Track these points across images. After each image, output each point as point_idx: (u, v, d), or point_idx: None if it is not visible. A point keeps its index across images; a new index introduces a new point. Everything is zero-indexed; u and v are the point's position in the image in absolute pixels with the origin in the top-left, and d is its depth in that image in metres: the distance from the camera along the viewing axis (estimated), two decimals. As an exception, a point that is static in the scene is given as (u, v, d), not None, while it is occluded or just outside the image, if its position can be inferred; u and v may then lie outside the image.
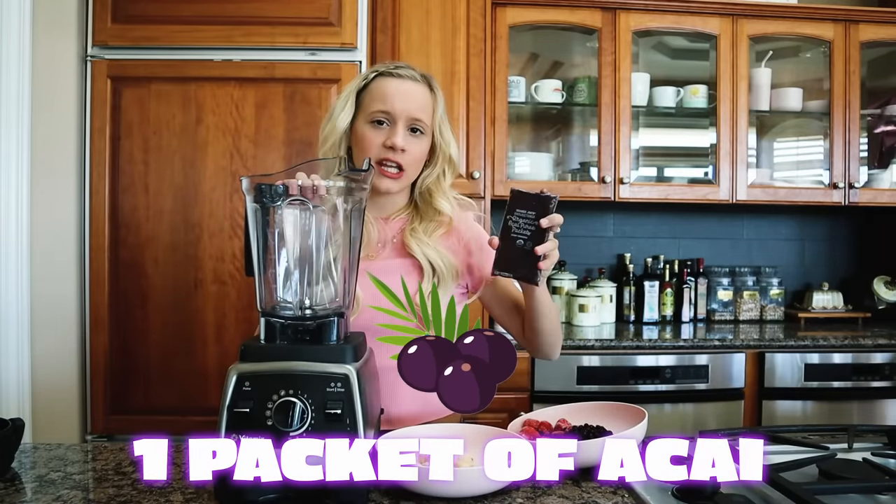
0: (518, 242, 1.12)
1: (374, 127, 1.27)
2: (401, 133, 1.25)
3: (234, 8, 2.13)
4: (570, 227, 2.91)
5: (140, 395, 2.13)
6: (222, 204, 2.14)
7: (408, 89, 1.27)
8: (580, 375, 2.28)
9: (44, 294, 2.14)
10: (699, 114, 2.80)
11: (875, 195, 2.73)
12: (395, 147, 1.24)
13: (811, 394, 2.37)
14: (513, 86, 2.61)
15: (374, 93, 1.27)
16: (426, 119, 1.28)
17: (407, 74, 1.28)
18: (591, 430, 1.06)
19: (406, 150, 1.25)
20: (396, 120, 1.26)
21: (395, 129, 1.25)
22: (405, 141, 1.25)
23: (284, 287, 1.00)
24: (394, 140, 1.24)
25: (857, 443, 1.14)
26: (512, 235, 1.12)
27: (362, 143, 1.27)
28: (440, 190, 1.34)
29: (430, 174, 1.33)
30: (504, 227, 1.13)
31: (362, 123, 1.28)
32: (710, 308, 2.86)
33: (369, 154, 1.25)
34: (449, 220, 1.34)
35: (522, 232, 1.12)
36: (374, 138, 1.26)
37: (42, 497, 0.92)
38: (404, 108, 1.25)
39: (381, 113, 1.26)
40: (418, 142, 1.28)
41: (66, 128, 2.15)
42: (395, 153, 1.25)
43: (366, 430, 0.89)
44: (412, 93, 1.27)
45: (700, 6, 2.61)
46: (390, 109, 1.25)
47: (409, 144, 1.26)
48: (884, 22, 2.69)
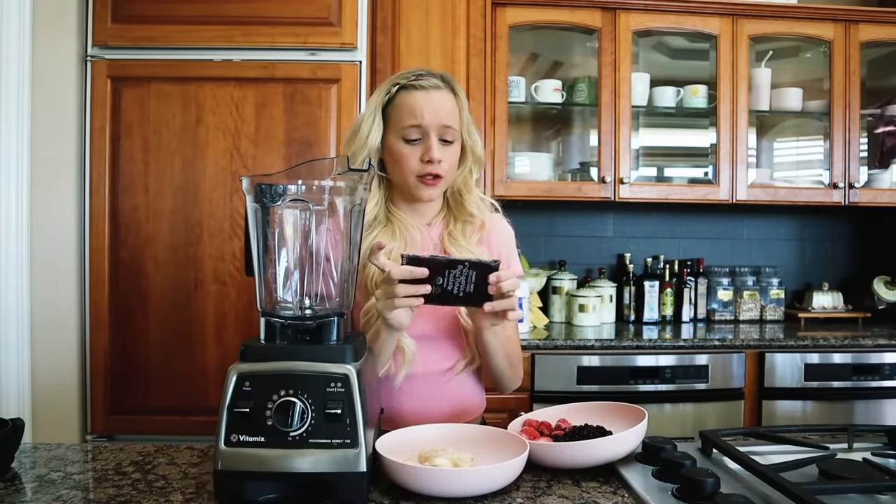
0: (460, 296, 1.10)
1: (408, 143, 1.27)
2: (435, 145, 1.26)
3: (234, 8, 2.13)
4: (570, 227, 2.96)
5: (140, 395, 2.13)
6: (222, 204, 2.14)
7: (434, 99, 1.27)
8: (580, 375, 2.28)
9: (44, 294, 2.14)
10: (699, 114, 2.80)
11: (875, 195, 2.73)
12: (432, 160, 1.26)
13: (811, 394, 2.37)
14: (513, 86, 2.61)
15: (402, 108, 1.28)
16: (455, 125, 1.29)
17: (430, 84, 1.28)
18: (590, 430, 1.06)
19: (442, 161, 1.27)
20: (429, 132, 1.26)
21: (428, 143, 1.26)
22: (440, 152, 1.27)
23: (284, 287, 1.00)
24: (431, 154, 1.26)
25: (857, 443, 1.14)
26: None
27: (400, 161, 1.28)
28: (468, 189, 1.36)
29: (460, 174, 1.35)
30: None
31: (394, 139, 1.29)
32: (710, 308, 2.86)
33: (407, 170, 1.27)
34: (481, 223, 1.37)
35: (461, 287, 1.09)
36: (411, 155, 1.27)
37: (42, 497, 0.92)
38: (434, 120, 1.26)
39: (413, 128, 1.26)
40: (451, 149, 1.30)
41: (66, 128, 2.15)
42: (433, 166, 1.26)
43: (366, 430, 0.89)
44: (439, 102, 1.27)
45: (700, 6, 2.61)
46: (420, 123, 1.26)
47: (443, 154, 1.28)
48: (884, 22, 2.68)
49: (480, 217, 1.36)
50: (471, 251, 1.32)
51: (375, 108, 1.30)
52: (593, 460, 1.01)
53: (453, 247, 1.32)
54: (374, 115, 1.29)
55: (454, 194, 1.37)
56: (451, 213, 1.37)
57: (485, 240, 1.38)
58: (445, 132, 1.28)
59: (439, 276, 1.06)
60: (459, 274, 1.07)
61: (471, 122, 1.34)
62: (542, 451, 1.01)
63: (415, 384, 1.28)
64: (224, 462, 0.87)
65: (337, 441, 0.88)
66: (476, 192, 1.38)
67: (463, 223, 1.35)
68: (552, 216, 2.93)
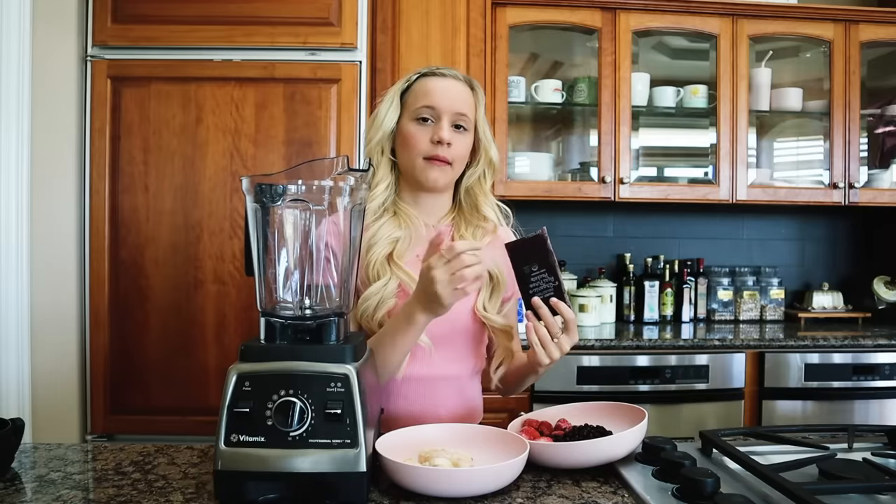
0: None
1: (420, 124, 1.28)
2: (446, 127, 1.26)
3: (234, 8, 2.13)
4: (570, 227, 2.96)
5: (140, 395, 2.13)
6: (222, 204, 2.14)
7: (450, 86, 1.28)
8: (580, 375, 2.28)
9: (44, 294, 2.13)
10: (699, 114, 2.80)
11: (875, 195, 2.73)
12: (441, 141, 1.25)
13: (811, 394, 2.37)
14: (513, 86, 2.61)
15: (418, 91, 1.29)
16: (469, 114, 1.29)
17: (449, 73, 1.31)
18: (590, 431, 1.06)
19: (452, 144, 1.27)
20: (441, 115, 1.27)
21: (440, 125, 1.26)
22: (451, 135, 1.27)
23: (284, 287, 1.00)
24: (441, 134, 1.25)
25: (857, 443, 1.14)
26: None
27: (409, 141, 1.28)
28: (483, 192, 1.35)
29: (472, 174, 1.34)
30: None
31: (407, 122, 1.29)
32: (710, 308, 2.86)
33: (416, 151, 1.27)
34: (493, 227, 1.36)
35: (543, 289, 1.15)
36: (421, 134, 1.27)
37: (42, 497, 0.92)
38: (448, 103, 1.27)
39: (426, 108, 1.27)
40: (462, 137, 1.29)
41: (66, 128, 2.15)
42: (441, 147, 1.26)
43: (366, 430, 0.89)
44: (455, 89, 1.29)
45: (700, 6, 2.61)
46: (434, 104, 1.26)
47: (454, 139, 1.27)
48: (884, 22, 2.69)
49: (494, 221, 1.36)
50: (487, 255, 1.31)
51: (395, 93, 1.32)
52: (593, 460, 1.01)
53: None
54: (393, 100, 1.31)
55: (468, 196, 1.36)
56: (463, 216, 1.36)
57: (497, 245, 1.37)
58: (459, 118, 1.28)
59: (534, 265, 1.11)
60: (543, 276, 1.12)
61: (487, 124, 1.34)
62: (542, 451, 1.01)
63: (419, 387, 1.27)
64: (224, 462, 0.87)
65: (337, 441, 0.88)
66: (492, 197, 1.37)
67: (475, 227, 1.34)
68: (552, 216, 2.93)
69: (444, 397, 1.29)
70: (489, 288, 1.30)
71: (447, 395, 1.30)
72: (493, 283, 1.30)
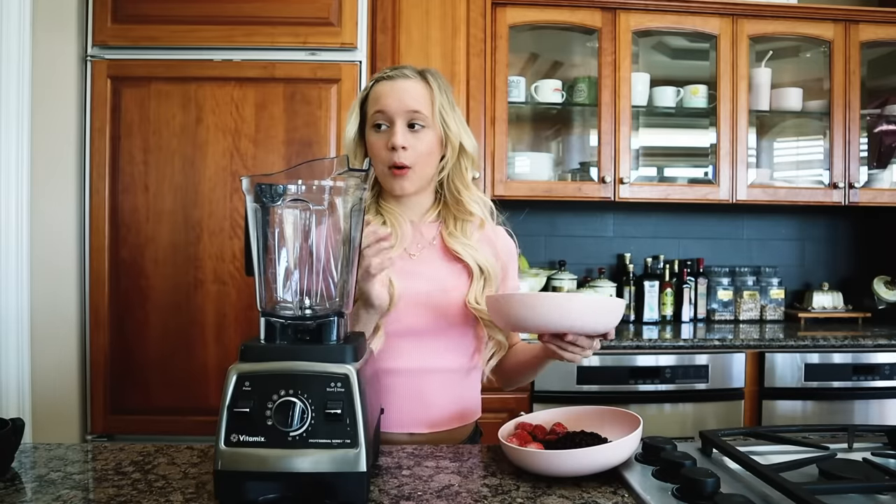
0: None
1: (377, 131, 1.28)
2: (399, 132, 1.25)
3: (234, 8, 2.13)
4: (570, 227, 2.96)
5: (140, 395, 2.13)
6: (222, 204, 2.14)
7: (399, 87, 1.27)
8: (580, 375, 2.28)
9: (44, 294, 2.13)
10: (699, 114, 2.80)
11: (875, 195, 2.73)
12: (395, 147, 1.24)
13: (811, 394, 2.37)
14: (513, 86, 2.61)
15: (371, 98, 1.29)
16: (424, 109, 1.27)
17: (399, 74, 1.29)
18: (583, 438, 1.05)
19: (408, 147, 1.25)
20: (394, 118, 1.26)
21: (394, 129, 1.25)
22: (405, 139, 1.25)
23: (284, 287, 1.00)
24: (393, 140, 1.24)
25: (857, 443, 1.14)
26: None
27: (371, 151, 1.29)
28: (464, 185, 1.34)
29: (448, 168, 1.32)
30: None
31: (368, 130, 1.30)
32: (710, 308, 2.86)
33: (379, 160, 1.27)
34: (480, 221, 1.36)
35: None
36: (378, 142, 1.27)
37: (42, 497, 0.92)
38: (397, 104, 1.26)
39: (379, 114, 1.27)
40: (421, 136, 1.27)
41: (66, 128, 2.15)
42: (397, 153, 1.25)
43: (366, 430, 0.89)
44: (404, 88, 1.27)
45: (700, 6, 2.61)
46: (384, 108, 1.26)
47: (409, 141, 1.26)
48: (884, 22, 2.69)
49: (480, 216, 1.35)
50: (476, 249, 1.31)
51: (355, 103, 1.33)
52: (587, 469, 0.98)
53: (458, 245, 1.31)
54: (353, 110, 1.32)
55: (450, 190, 1.34)
56: (450, 211, 1.35)
57: (490, 240, 1.37)
58: (413, 117, 1.26)
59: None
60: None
61: (451, 113, 1.30)
62: (530, 459, 0.99)
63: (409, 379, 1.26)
64: (224, 462, 0.87)
65: (337, 441, 0.88)
66: (476, 190, 1.36)
67: (462, 222, 1.34)
68: (552, 216, 2.93)
69: (435, 392, 1.28)
70: (480, 281, 1.30)
71: (438, 389, 1.29)
72: (484, 276, 1.30)
